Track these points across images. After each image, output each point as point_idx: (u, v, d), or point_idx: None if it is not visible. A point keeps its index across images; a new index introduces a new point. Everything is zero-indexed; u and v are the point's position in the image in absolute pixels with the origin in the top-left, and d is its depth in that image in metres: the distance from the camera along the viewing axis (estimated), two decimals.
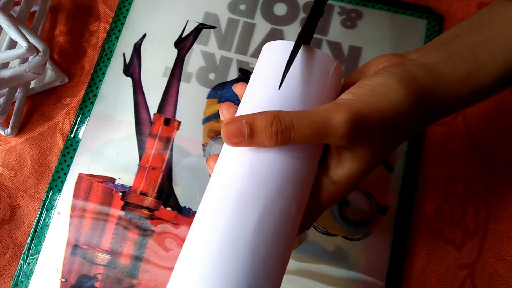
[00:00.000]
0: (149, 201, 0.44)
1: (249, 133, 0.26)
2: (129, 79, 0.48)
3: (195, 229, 0.27)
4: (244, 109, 0.29)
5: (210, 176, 0.29)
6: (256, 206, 0.25)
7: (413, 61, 0.29)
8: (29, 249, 0.42)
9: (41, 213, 0.43)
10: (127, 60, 0.48)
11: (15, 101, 0.46)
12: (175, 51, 0.48)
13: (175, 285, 0.25)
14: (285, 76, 0.28)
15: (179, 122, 0.46)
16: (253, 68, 0.44)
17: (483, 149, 0.45)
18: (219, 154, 0.29)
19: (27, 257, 0.42)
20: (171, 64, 0.48)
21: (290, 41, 0.29)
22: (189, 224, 0.43)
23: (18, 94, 0.46)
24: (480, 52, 0.28)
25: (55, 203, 0.43)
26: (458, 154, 0.45)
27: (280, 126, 0.25)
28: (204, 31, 0.49)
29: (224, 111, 0.32)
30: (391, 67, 0.28)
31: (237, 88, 0.33)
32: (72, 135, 0.46)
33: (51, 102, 0.48)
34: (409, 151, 0.45)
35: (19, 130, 0.47)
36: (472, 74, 0.28)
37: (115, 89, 0.47)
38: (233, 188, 0.26)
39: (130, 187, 0.44)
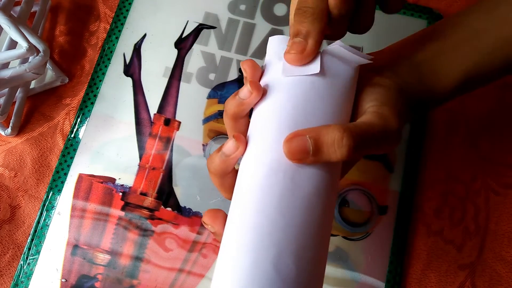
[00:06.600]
0: (149, 201, 0.44)
1: (314, 149, 0.25)
2: (129, 79, 0.48)
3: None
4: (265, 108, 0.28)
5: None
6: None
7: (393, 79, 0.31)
8: (29, 249, 0.42)
9: (41, 213, 0.43)
10: (127, 60, 0.48)
11: (15, 101, 0.46)
12: (175, 51, 0.48)
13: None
14: None
15: (179, 122, 0.46)
16: None
17: (483, 149, 0.45)
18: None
19: (27, 257, 0.42)
20: (171, 64, 0.48)
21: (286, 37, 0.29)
22: (189, 224, 0.43)
23: (19, 94, 0.46)
24: (439, 65, 0.31)
25: (55, 203, 0.43)
26: (458, 154, 0.45)
27: (352, 141, 0.25)
28: (204, 31, 0.49)
29: (247, 69, 0.29)
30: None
31: (245, 65, 0.29)
32: (72, 135, 0.46)
33: (51, 102, 0.48)
34: (409, 151, 0.45)
35: (19, 130, 0.47)
36: (431, 90, 0.31)
37: (115, 89, 0.47)
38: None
39: (130, 187, 0.44)
